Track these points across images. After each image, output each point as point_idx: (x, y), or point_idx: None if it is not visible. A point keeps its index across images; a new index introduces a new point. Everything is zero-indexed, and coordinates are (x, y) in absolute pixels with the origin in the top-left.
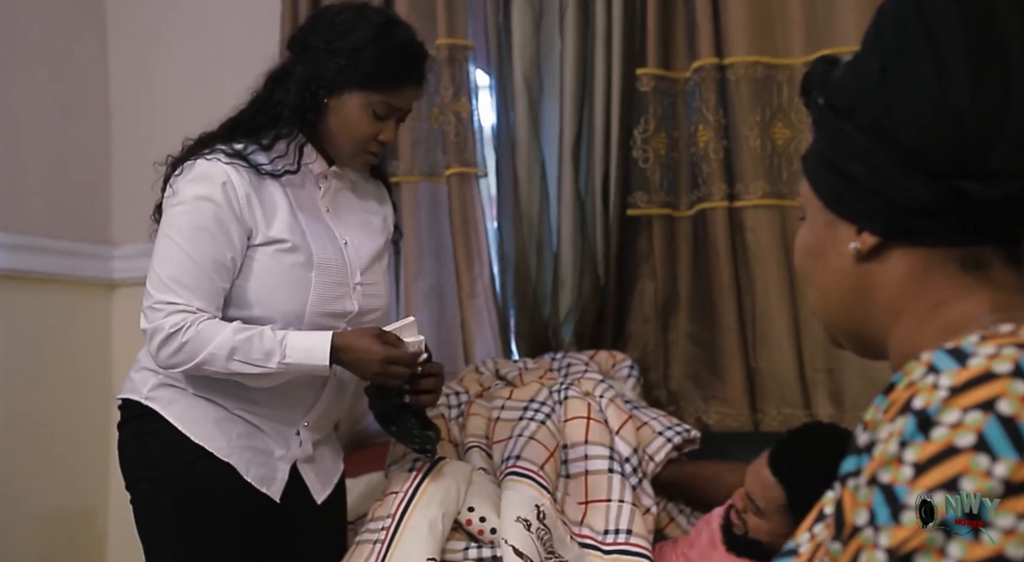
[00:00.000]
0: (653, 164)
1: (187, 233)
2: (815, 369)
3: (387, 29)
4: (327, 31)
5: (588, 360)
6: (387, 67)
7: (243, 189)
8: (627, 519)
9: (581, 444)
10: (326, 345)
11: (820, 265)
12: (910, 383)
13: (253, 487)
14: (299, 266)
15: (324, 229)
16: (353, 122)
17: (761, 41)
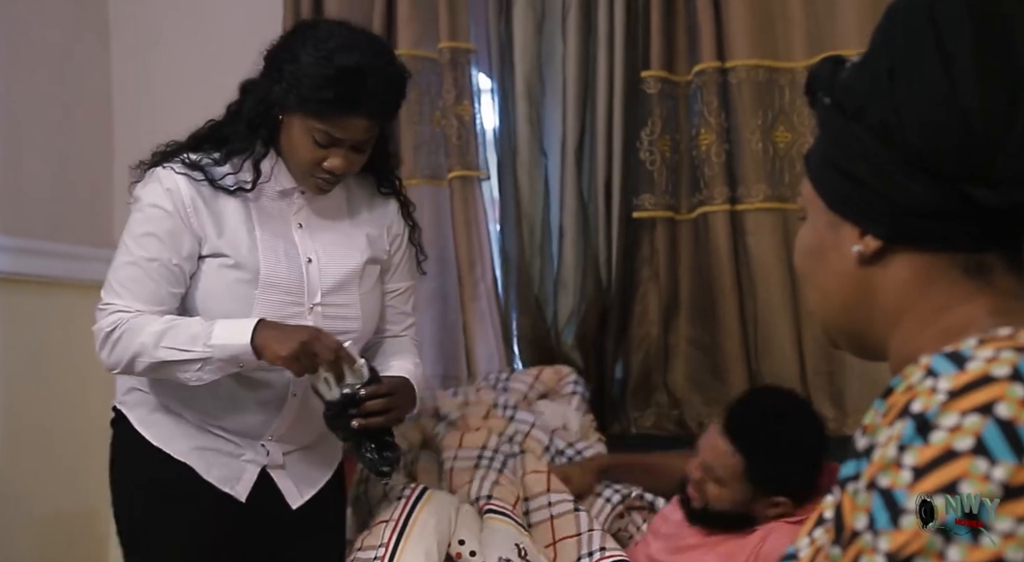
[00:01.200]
0: (660, 166)
1: (136, 237)
2: (817, 372)
3: (333, 55)
4: (284, 50)
5: (532, 382)
6: (322, 96)
7: (189, 198)
8: (599, 540)
9: (544, 494)
10: (252, 323)
11: (821, 266)
12: (908, 387)
13: (217, 488)
14: (242, 283)
15: (286, 246)
16: (295, 145)
17: (762, 44)
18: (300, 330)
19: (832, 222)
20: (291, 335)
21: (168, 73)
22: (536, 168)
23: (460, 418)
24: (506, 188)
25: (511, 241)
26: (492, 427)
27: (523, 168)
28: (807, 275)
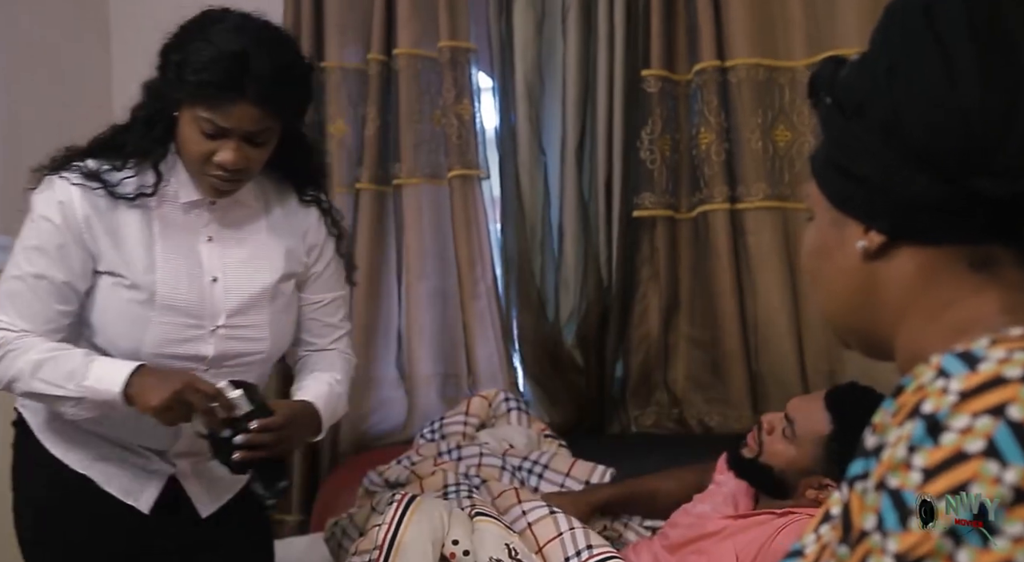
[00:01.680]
0: (660, 165)
1: (26, 251)
2: (817, 371)
3: (215, 38)
4: (172, 40)
5: (464, 418)
6: (204, 80)
7: (83, 212)
8: (583, 539)
9: (515, 505)
10: (125, 372)
11: (827, 265)
12: (919, 387)
13: (116, 498)
14: (137, 304)
15: (189, 264)
16: (186, 140)
17: (762, 43)
18: (173, 379)
19: (836, 220)
20: (164, 385)
21: None
22: (536, 167)
23: (410, 474)
24: (507, 187)
25: (511, 240)
26: (445, 469)
27: (523, 167)
28: (814, 275)
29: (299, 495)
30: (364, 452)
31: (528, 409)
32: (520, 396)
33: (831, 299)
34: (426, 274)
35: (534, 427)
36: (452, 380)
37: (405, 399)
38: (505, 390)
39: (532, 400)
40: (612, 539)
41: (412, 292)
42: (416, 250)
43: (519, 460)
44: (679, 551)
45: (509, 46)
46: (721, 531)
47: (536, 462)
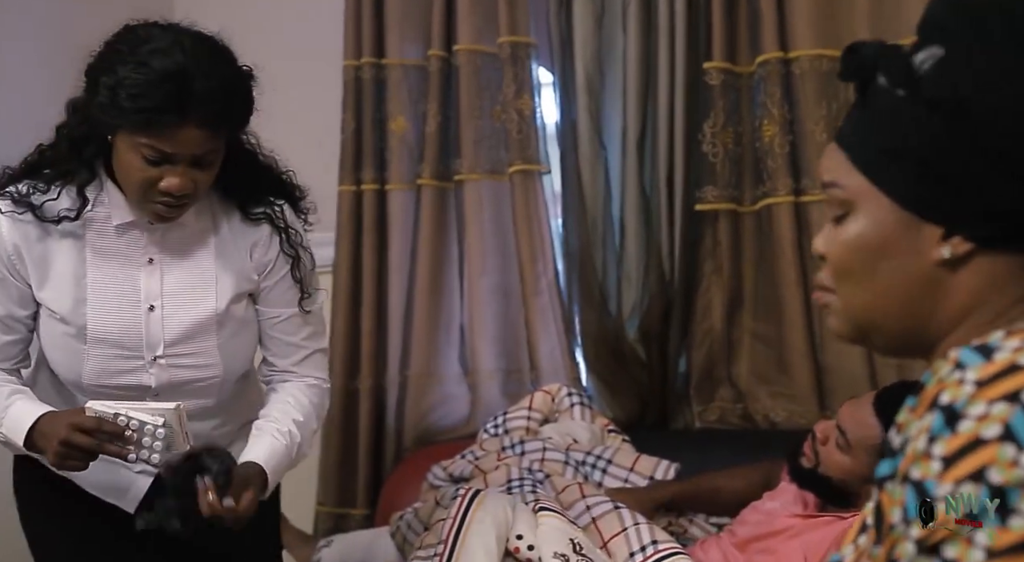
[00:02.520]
0: (723, 159)
1: None
2: (886, 364)
3: (150, 58)
4: (100, 60)
5: (527, 413)
6: (141, 105)
7: (12, 244)
8: (648, 534)
9: (579, 500)
10: (28, 423)
11: (887, 265)
12: (938, 381)
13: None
14: (70, 337)
15: (123, 292)
16: (124, 166)
17: (826, 33)
18: (58, 428)
19: (904, 221)
20: (50, 440)
21: None
22: (597, 161)
23: (474, 469)
24: (568, 182)
25: (573, 235)
26: (509, 464)
27: (584, 162)
28: (859, 272)
29: (364, 490)
30: (428, 447)
31: (591, 404)
32: (583, 391)
33: (881, 299)
34: (488, 270)
35: (597, 422)
36: (515, 375)
37: (468, 394)
38: (568, 385)
39: (595, 395)
40: (677, 535)
41: (474, 288)
42: (477, 246)
43: (582, 455)
44: (747, 548)
45: (569, 40)
46: (788, 530)
47: (600, 457)
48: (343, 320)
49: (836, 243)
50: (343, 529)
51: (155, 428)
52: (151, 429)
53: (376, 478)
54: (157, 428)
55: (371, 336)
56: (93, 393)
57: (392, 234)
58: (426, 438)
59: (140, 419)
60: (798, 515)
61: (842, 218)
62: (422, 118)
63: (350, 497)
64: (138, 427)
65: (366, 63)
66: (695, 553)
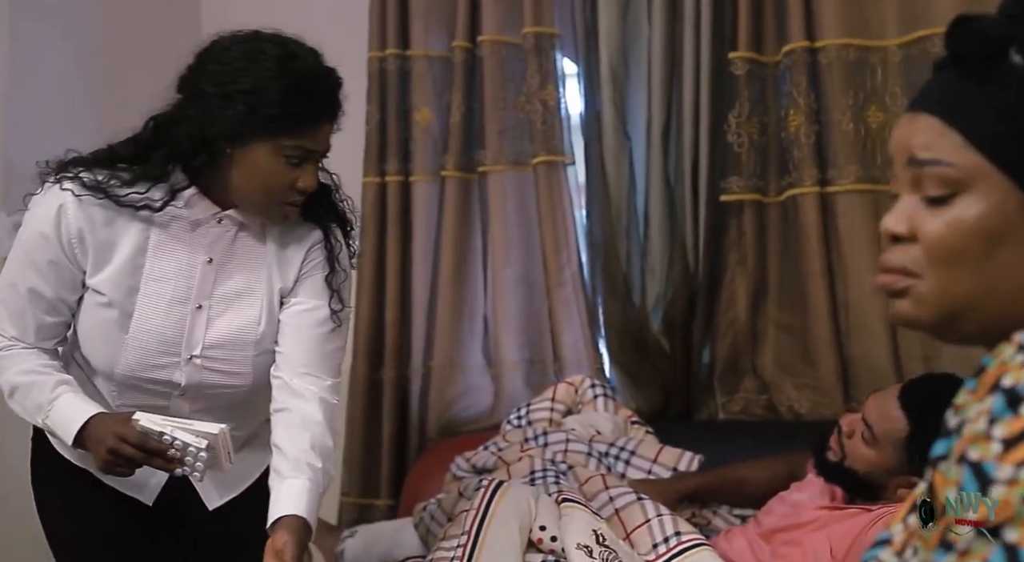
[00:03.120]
0: (748, 149)
1: (20, 260)
2: (911, 357)
3: (286, 63)
4: (219, 73)
5: (551, 405)
6: (294, 108)
7: (76, 226)
8: (671, 525)
9: (602, 491)
10: (78, 424)
11: (1001, 252)
12: (1000, 363)
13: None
14: (111, 323)
15: (176, 286)
16: (264, 173)
17: (853, 22)
18: (106, 438)
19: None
20: (98, 447)
21: None
22: (622, 152)
23: (497, 460)
24: (592, 173)
25: (597, 226)
26: (532, 455)
27: (609, 153)
28: (970, 256)
29: (388, 480)
30: (451, 438)
31: (614, 395)
32: (606, 382)
33: (988, 283)
34: (511, 261)
35: (620, 413)
36: (538, 366)
37: (491, 385)
38: (591, 376)
39: (618, 386)
40: (700, 526)
41: (498, 279)
42: (501, 237)
43: (605, 446)
44: (772, 539)
45: (594, 31)
46: (814, 521)
47: (623, 448)
48: (367, 311)
49: (940, 225)
50: (367, 519)
51: (198, 450)
52: (194, 451)
53: (400, 469)
54: (200, 451)
55: (395, 327)
56: (129, 385)
57: (416, 225)
58: (450, 429)
59: (184, 440)
60: (824, 507)
61: (945, 199)
62: (446, 109)
63: (374, 488)
64: (182, 448)
65: (391, 54)
66: (719, 542)
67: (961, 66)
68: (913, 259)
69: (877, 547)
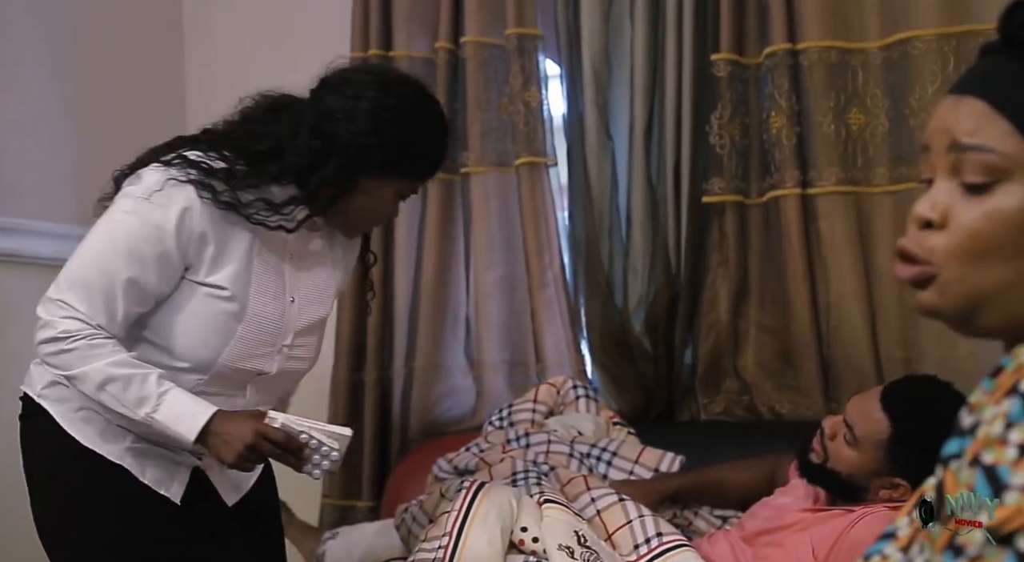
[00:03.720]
0: (730, 150)
1: (123, 250)
2: (891, 359)
3: (441, 122)
4: (380, 110)
5: (533, 405)
6: (432, 160)
7: (200, 228)
8: (653, 526)
9: (584, 492)
10: (201, 421)
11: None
12: (1019, 366)
13: (152, 490)
14: (228, 316)
15: (276, 282)
16: (381, 205)
17: (835, 25)
18: (244, 431)
19: None
20: (236, 440)
21: (239, 69)
22: (604, 154)
23: (479, 461)
24: (574, 174)
25: (579, 227)
26: (514, 456)
27: (591, 154)
28: (1008, 247)
29: (369, 482)
30: (433, 439)
31: (596, 396)
32: (588, 383)
33: (1019, 279)
34: (494, 262)
35: (602, 414)
36: (520, 368)
37: (473, 387)
38: (573, 377)
39: (600, 387)
40: (682, 527)
41: (480, 280)
42: (484, 238)
43: (587, 447)
44: (755, 541)
45: (576, 32)
46: (797, 523)
47: (604, 449)
48: (349, 312)
49: (976, 214)
50: (348, 521)
51: (330, 450)
52: (327, 451)
53: (382, 470)
54: (332, 451)
55: (377, 328)
56: (218, 374)
57: (399, 226)
58: (431, 430)
59: (320, 440)
60: (807, 509)
61: (984, 187)
62: None
63: (355, 489)
64: (316, 447)
65: (373, 55)
66: (702, 545)
67: (1014, 52)
68: (937, 246)
69: (882, 541)
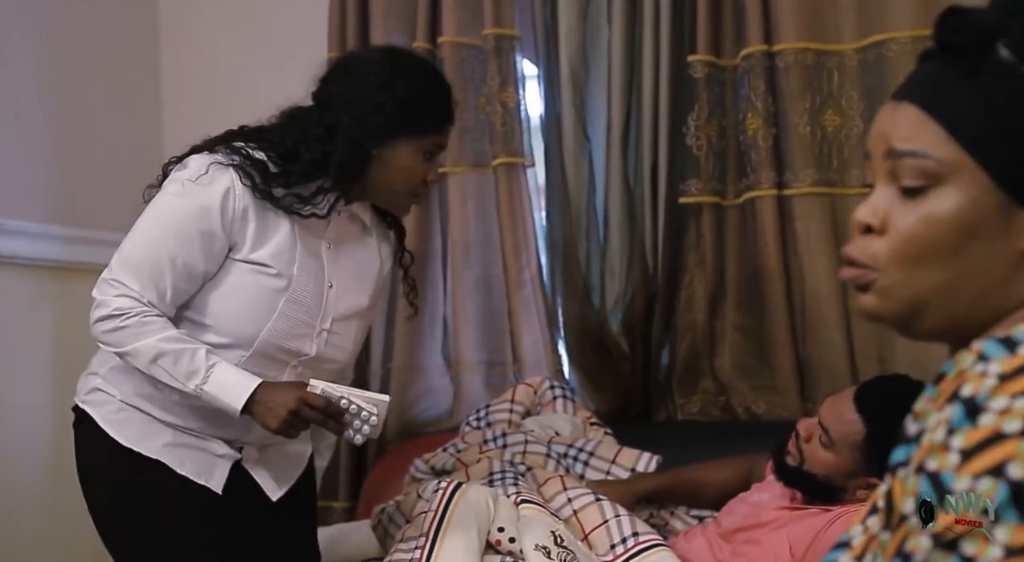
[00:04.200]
0: (706, 152)
1: (171, 230)
2: (867, 359)
3: (431, 74)
4: (367, 81)
5: (510, 405)
6: (438, 110)
7: (243, 205)
8: (629, 526)
9: (561, 492)
10: (247, 391)
11: (971, 247)
12: (960, 372)
13: (192, 481)
14: (273, 291)
15: (315, 265)
16: (407, 168)
17: (811, 27)
18: (288, 398)
19: (1000, 203)
20: (280, 406)
21: (215, 68)
22: (581, 154)
23: (456, 461)
24: (552, 175)
25: (557, 228)
26: (491, 457)
27: (569, 154)
28: (941, 251)
29: (346, 482)
30: (410, 439)
31: (573, 397)
32: (565, 383)
33: (958, 280)
34: (471, 262)
35: (579, 415)
36: (498, 368)
37: (451, 387)
38: (550, 378)
39: (577, 387)
40: (658, 527)
41: (457, 280)
42: (461, 238)
43: (564, 447)
44: (732, 538)
45: (554, 33)
46: (774, 521)
47: (581, 449)
48: None
49: (912, 218)
50: (325, 522)
51: (370, 415)
52: (366, 416)
53: (358, 471)
54: (372, 415)
55: None
56: (260, 352)
57: None
58: (409, 430)
59: (359, 405)
60: (784, 507)
61: (920, 191)
62: None
63: (332, 490)
64: (356, 412)
65: None
66: (679, 543)
67: (949, 57)
68: (878, 252)
69: (837, 550)
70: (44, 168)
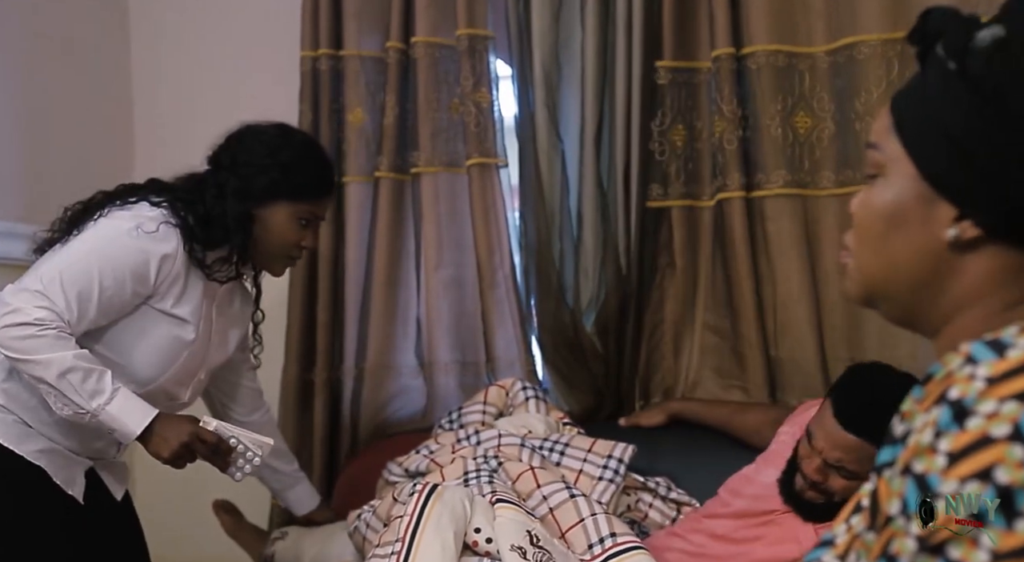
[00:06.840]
0: (669, 157)
1: (109, 264)
2: (836, 359)
3: (313, 147)
4: (256, 148)
5: (483, 407)
6: (316, 180)
7: (179, 267)
8: (606, 526)
9: (535, 490)
10: (148, 417)
11: (898, 236)
12: (948, 374)
13: (61, 489)
14: (182, 342)
15: (208, 320)
16: (282, 230)
17: (782, 30)
18: (181, 431)
19: (924, 195)
20: (173, 438)
21: (186, 68)
22: (554, 155)
23: (430, 463)
24: (525, 175)
25: (530, 228)
26: (464, 455)
27: (542, 155)
28: (872, 237)
29: (319, 483)
30: (383, 440)
31: (546, 397)
32: (538, 384)
33: (889, 270)
34: (444, 262)
35: (552, 415)
36: (471, 368)
37: (424, 387)
38: (522, 378)
39: (551, 387)
40: (636, 520)
41: (431, 280)
42: (434, 238)
43: (539, 441)
44: (742, 520)
45: (527, 33)
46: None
47: (557, 441)
48: (299, 312)
49: (856, 202)
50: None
51: (254, 456)
52: (251, 456)
53: (331, 471)
54: (256, 456)
55: (327, 328)
56: (149, 393)
57: (349, 226)
58: (382, 431)
59: (246, 445)
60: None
61: (872, 179)
62: (380, 110)
63: None
64: (243, 452)
65: (323, 54)
66: (670, 542)
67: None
68: (849, 238)
69: (820, 548)
70: (12, 167)
